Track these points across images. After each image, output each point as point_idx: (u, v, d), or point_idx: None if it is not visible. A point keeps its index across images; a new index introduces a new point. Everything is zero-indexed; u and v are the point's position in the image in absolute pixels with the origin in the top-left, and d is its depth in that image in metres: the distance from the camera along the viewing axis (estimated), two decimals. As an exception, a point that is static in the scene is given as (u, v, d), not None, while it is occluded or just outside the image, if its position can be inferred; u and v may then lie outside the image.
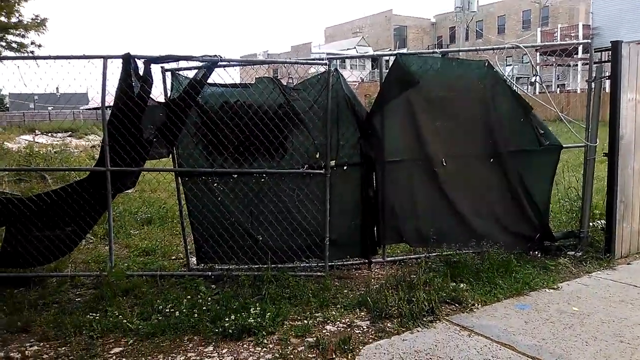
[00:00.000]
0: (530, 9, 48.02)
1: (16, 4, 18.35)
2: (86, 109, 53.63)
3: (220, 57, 5.11)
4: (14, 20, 18.77)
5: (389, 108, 5.35)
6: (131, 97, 4.94)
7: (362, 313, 4.35)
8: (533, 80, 35.78)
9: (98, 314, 4.23)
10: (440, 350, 3.70)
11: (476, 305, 4.44)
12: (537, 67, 33.78)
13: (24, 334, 3.98)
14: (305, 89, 5.23)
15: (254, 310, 4.15)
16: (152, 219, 7.70)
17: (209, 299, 4.48)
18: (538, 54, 37.80)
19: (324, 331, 4.03)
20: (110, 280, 4.81)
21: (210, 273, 5.24)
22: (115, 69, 4.97)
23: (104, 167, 5.05)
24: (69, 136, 33.42)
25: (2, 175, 10.57)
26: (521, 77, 38.16)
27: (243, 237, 5.24)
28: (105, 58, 4.95)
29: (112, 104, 5.05)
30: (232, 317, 4.04)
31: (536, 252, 5.72)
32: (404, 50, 48.51)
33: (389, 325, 4.09)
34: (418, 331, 4.00)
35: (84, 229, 5.30)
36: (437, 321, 4.16)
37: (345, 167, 5.33)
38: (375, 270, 5.52)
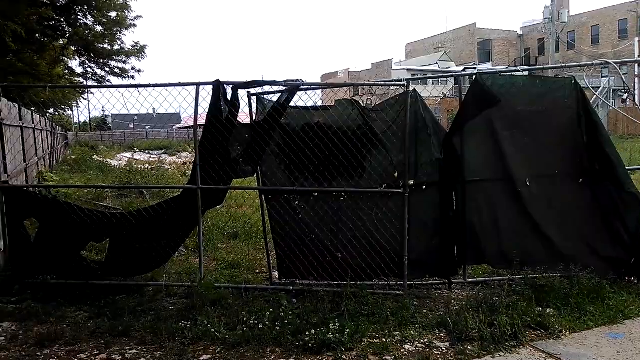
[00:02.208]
0: (626, 17, 44.77)
1: (118, 33, 20.12)
2: (178, 128, 57.10)
3: (302, 81, 5.35)
4: (116, 47, 20.55)
5: (470, 127, 5.32)
6: (220, 120, 5.32)
7: (442, 334, 4.32)
8: (625, 97, 33.37)
9: (189, 322, 4.54)
10: (523, 376, 3.60)
11: (564, 332, 4.27)
12: (636, 79, 31.45)
13: (125, 338, 4.36)
14: (384, 110, 5.34)
15: (333, 325, 4.26)
16: (238, 234, 8.09)
17: (290, 312, 4.65)
18: (637, 65, 35.19)
19: (402, 350, 4.06)
20: (200, 291, 5.15)
21: (291, 287, 5.43)
22: (206, 94, 5.39)
23: (195, 186, 5.44)
24: (164, 153, 35.70)
25: (107, 191, 11.59)
26: (618, 90, 35.55)
27: (323, 253, 5.39)
28: (198, 85, 5.38)
29: (203, 126, 5.45)
30: (312, 331, 4.18)
31: (632, 278, 5.36)
32: (489, 65, 46.96)
33: (469, 348, 4.04)
34: (500, 356, 3.91)
35: (177, 242, 5.72)
36: (521, 347, 4.04)
37: (424, 187, 5.35)
38: (456, 291, 5.45)
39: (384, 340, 4.20)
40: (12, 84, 9.38)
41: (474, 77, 5.33)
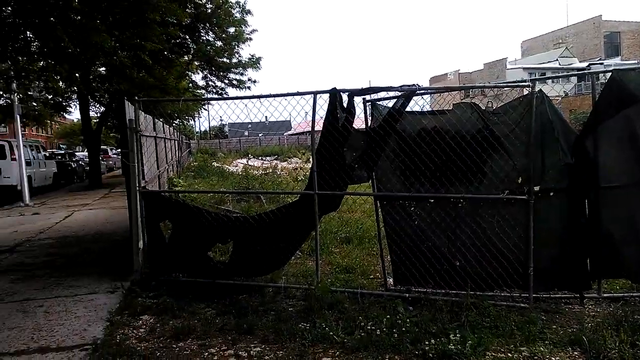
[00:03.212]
0: None
1: (236, 47, 21.38)
2: (289, 135, 59.23)
3: (418, 85, 5.30)
4: (234, 60, 21.85)
5: (604, 128, 4.88)
6: (336, 127, 5.43)
7: (575, 352, 4.00)
8: None
9: (308, 324, 4.67)
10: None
11: None
12: None
13: (249, 336, 4.59)
14: (506, 112, 5.08)
15: (454, 336, 4.14)
16: (350, 239, 8.18)
17: (408, 320, 4.59)
18: None
19: (531, 367, 3.82)
20: (317, 294, 5.29)
21: (407, 295, 5.37)
22: (322, 102, 5.53)
23: (313, 191, 5.59)
24: (275, 159, 37.20)
25: (227, 195, 12.35)
26: None
27: (440, 261, 5.26)
28: (315, 93, 5.54)
29: (320, 133, 5.60)
30: (432, 341, 4.09)
31: None
32: (617, 60, 42.61)
33: (608, 369, 3.69)
34: (644, 381, 3.53)
35: (295, 245, 5.93)
36: (669, 372, 3.61)
37: (551, 193, 5.00)
38: (589, 307, 5.02)
39: (509, 355, 3.99)
40: (149, 98, 10.37)
41: (610, 74, 4.88)
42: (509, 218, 5.03)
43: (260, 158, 40.49)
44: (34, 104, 25.94)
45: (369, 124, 5.62)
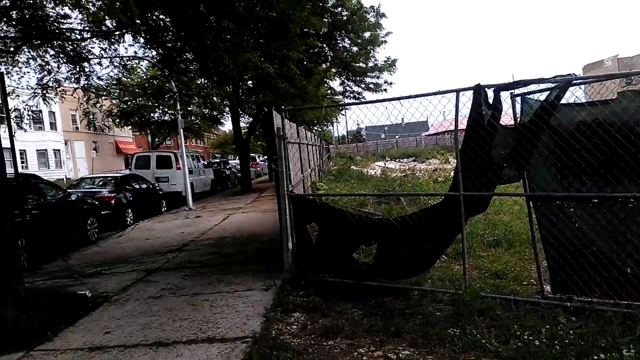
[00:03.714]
0: None
1: (372, 51, 21.60)
2: (426, 135, 58.11)
3: (574, 75, 4.84)
4: (370, 64, 22.09)
5: None
6: (482, 125, 5.18)
7: None
8: None
9: (458, 330, 4.52)
10: None
11: None
12: None
13: (397, 338, 4.57)
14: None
15: (627, 352, 3.71)
16: (499, 242, 7.74)
17: (571, 332, 4.22)
18: None
19: None
20: (465, 299, 5.09)
21: (569, 304, 4.90)
22: (466, 99, 5.32)
23: (458, 192, 5.41)
24: (413, 161, 36.77)
25: (367, 198, 12.51)
26: None
27: (607, 268, 4.72)
28: (458, 91, 5.35)
29: (463, 132, 5.40)
30: (601, 356, 3.71)
31: None
32: None
33: None
34: None
35: (440, 248, 5.78)
36: None
37: None
38: None
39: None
40: (292, 107, 10.98)
41: None
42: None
43: (397, 160, 40.35)
44: (194, 118, 28.95)
45: (519, 120, 5.26)
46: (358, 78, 22.80)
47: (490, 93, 5.22)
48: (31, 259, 9.22)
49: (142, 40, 9.79)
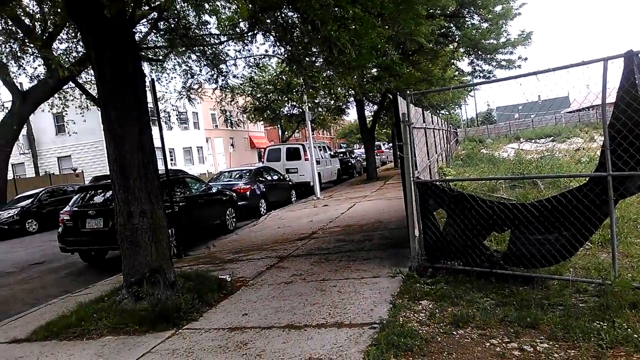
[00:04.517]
0: None
1: (504, 25, 20.22)
2: (567, 112, 53.19)
3: None
4: (502, 40, 20.70)
5: None
6: (635, 95, 4.58)
7: None
8: None
9: (605, 324, 4.10)
10: None
11: None
12: None
13: (533, 330, 4.26)
14: None
15: None
16: (659, 228, 6.84)
17: None
18: None
19: None
20: (614, 290, 4.60)
21: None
22: (616, 68, 4.73)
23: (606, 172, 4.86)
24: (551, 141, 33.93)
25: (499, 183, 11.81)
26: None
27: None
28: (605, 60, 4.77)
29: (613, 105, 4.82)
30: None
31: None
32: None
33: None
34: None
35: (584, 234, 5.24)
36: None
37: None
38: None
39: None
40: (418, 91, 10.74)
41: None
42: None
43: (534, 141, 37.51)
44: (320, 109, 29.80)
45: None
46: (488, 56, 21.50)
47: (644, 60, 4.60)
48: (179, 246, 10.25)
49: (271, 38, 10.27)
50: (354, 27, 8.60)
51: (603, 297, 4.62)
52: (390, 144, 44.12)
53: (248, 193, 16.07)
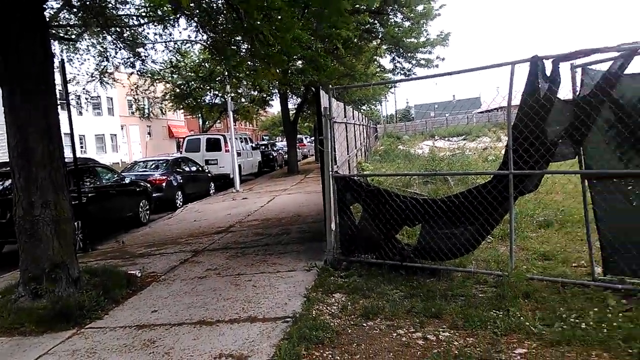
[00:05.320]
0: None
1: (424, 25, 20.96)
2: (478, 113, 56.41)
3: (641, 43, 4.48)
4: (422, 39, 21.46)
5: None
6: (537, 99, 4.91)
7: None
8: None
9: (500, 312, 4.38)
10: None
11: None
12: None
13: (437, 320, 4.48)
14: None
15: (681, 338, 3.46)
16: (550, 222, 7.42)
17: (620, 315, 4.02)
18: None
19: None
20: (510, 280, 4.92)
21: (620, 286, 4.66)
22: (521, 73, 5.04)
23: (508, 171, 5.18)
24: (463, 139, 35.79)
25: (413, 178, 12.28)
26: None
27: (667, 250, 4.42)
28: (513, 64, 5.06)
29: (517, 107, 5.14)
30: (653, 341, 3.48)
31: None
32: None
33: None
34: None
35: (487, 229, 5.58)
36: None
37: None
38: None
39: None
40: (340, 86, 10.85)
41: None
42: None
43: (447, 139, 39.41)
44: (243, 100, 29.32)
45: (578, 93, 4.94)
46: (409, 54, 22.17)
47: (548, 65, 4.93)
48: (86, 240, 9.67)
49: (195, 23, 9.91)
50: (279, 17, 8.52)
51: (500, 287, 4.94)
52: (312, 138, 44.45)
53: (164, 184, 15.50)
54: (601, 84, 4.61)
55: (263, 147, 32.71)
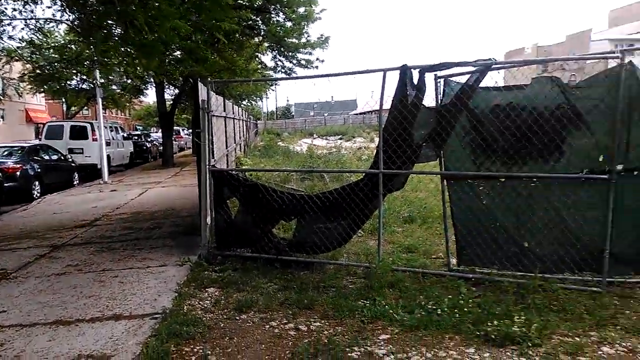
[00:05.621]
0: None
1: (305, 27, 21.33)
2: (354, 114, 58.94)
3: (494, 60, 5.02)
4: (303, 40, 21.82)
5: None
6: (405, 105, 5.28)
7: (651, 339, 3.72)
8: None
9: (368, 302, 4.65)
10: None
11: None
12: None
13: (309, 311, 4.62)
14: (590, 87, 4.72)
15: (518, 318, 3.98)
16: (414, 218, 8.02)
17: (470, 301, 4.48)
18: None
19: (599, 352, 3.61)
20: (378, 272, 5.23)
21: (471, 275, 5.21)
22: (392, 79, 5.37)
23: (378, 170, 5.50)
24: (340, 139, 37.14)
25: (291, 174, 12.48)
26: None
27: (507, 242, 5.04)
28: (385, 71, 5.38)
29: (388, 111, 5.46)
30: (495, 322, 3.95)
31: None
32: None
33: (692, 360, 3.41)
34: None
35: (358, 224, 5.87)
36: None
37: (635, 172, 4.61)
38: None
39: (577, 339, 3.79)
40: (219, 80, 10.62)
41: None
42: (586, 198, 4.72)
43: (325, 138, 40.62)
44: (114, 87, 27.41)
45: (440, 101, 5.40)
46: (290, 54, 22.44)
47: (415, 74, 5.31)
48: None
49: (60, 2, 9.00)
50: (157, 5, 8.08)
51: (369, 278, 5.24)
52: (190, 130, 43.02)
53: (18, 173, 13.91)
54: (459, 95, 5.10)
55: (136, 137, 30.89)
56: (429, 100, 5.48)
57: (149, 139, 32.85)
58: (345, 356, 3.70)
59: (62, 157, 17.41)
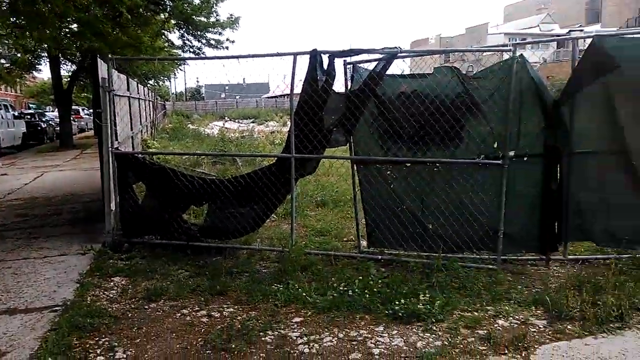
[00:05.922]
0: None
1: (215, 5, 20.68)
2: (267, 97, 58.49)
3: (400, 48, 5.20)
4: (212, 20, 21.17)
5: (581, 95, 4.90)
6: (316, 89, 5.33)
7: (538, 311, 4.13)
8: None
9: (281, 286, 4.69)
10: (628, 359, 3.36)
11: (678, 316, 3.90)
12: None
13: (222, 297, 4.59)
14: (486, 77, 5.07)
15: (423, 296, 4.22)
16: (326, 202, 8.18)
17: (379, 281, 4.67)
18: None
19: (495, 325, 3.93)
20: (291, 256, 5.29)
21: (380, 257, 5.44)
22: (302, 63, 5.39)
23: (290, 154, 5.53)
24: (252, 122, 36.70)
25: (202, 158, 12.18)
26: None
27: (413, 224, 5.30)
28: (295, 55, 5.39)
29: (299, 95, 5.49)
30: (402, 301, 4.16)
31: None
32: (597, 27, 43.13)
33: (569, 327, 3.83)
34: (603, 337, 3.68)
35: (271, 208, 5.88)
36: (627, 329, 3.77)
37: (525, 158, 5.04)
38: (554, 268, 5.16)
39: (476, 314, 4.10)
40: (122, 57, 10.01)
41: (591, 40, 4.86)
42: (483, 182, 5.08)
43: (237, 121, 39.96)
44: (3, 61, 24.95)
45: (349, 87, 5.51)
46: (199, 33, 21.65)
47: (325, 59, 5.37)
48: None
49: None
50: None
51: (282, 262, 5.29)
52: (91, 110, 40.31)
53: None
54: (367, 81, 5.25)
55: (29, 116, 28.37)
56: (339, 85, 5.59)
57: (44, 119, 30.31)
58: (258, 340, 3.73)
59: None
